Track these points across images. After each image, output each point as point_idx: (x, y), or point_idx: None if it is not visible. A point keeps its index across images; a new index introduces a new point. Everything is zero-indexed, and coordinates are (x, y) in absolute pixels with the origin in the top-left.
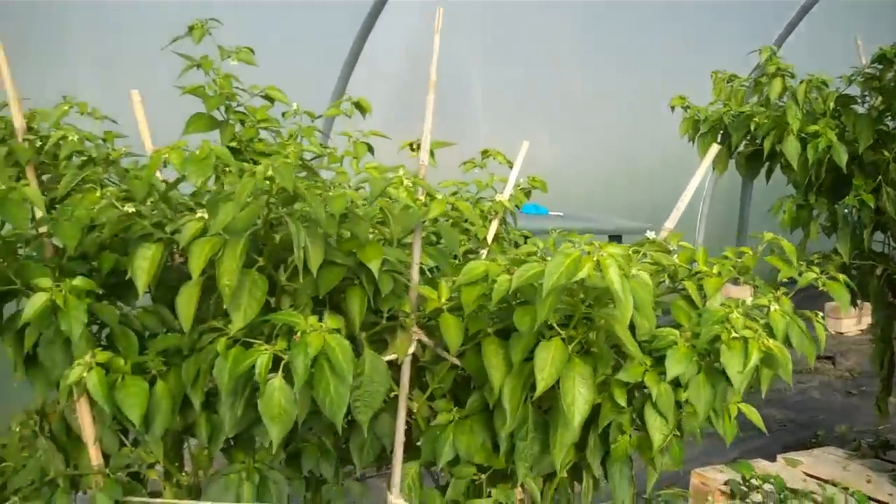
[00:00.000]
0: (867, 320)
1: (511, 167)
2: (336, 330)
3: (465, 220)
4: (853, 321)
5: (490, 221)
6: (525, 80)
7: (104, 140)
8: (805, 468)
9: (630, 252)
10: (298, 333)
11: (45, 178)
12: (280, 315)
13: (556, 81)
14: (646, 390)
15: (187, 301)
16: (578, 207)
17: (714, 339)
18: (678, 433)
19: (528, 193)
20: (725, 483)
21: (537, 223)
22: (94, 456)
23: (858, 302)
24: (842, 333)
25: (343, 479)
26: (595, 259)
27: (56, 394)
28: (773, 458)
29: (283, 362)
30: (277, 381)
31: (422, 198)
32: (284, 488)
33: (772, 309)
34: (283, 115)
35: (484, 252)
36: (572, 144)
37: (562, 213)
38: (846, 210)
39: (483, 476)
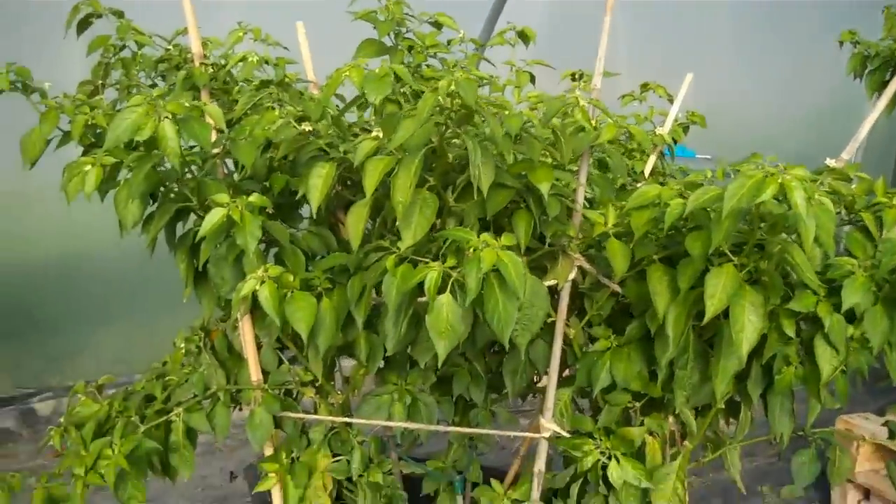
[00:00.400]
0: None
1: (672, 102)
2: (509, 247)
3: (624, 153)
4: None
5: (647, 156)
6: (670, 18)
7: (276, 65)
8: None
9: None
10: (471, 249)
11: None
12: (454, 231)
13: (703, 22)
14: (816, 322)
15: (357, 219)
16: (725, 152)
17: (895, 269)
18: (844, 369)
19: (686, 129)
20: (884, 423)
21: (685, 165)
22: (254, 372)
23: None
24: None
25: (491, 405)
26: (779, 181)
27: (219, 312)
28: None
29: (451, 280)
30: (445, 297)
31: (593, 122)
32: (434, 410)
33: None
34: (449, 42)
35: (641, 185)
36: (718, 88)
37: (709, 157)
38: None
39: (637, 404)
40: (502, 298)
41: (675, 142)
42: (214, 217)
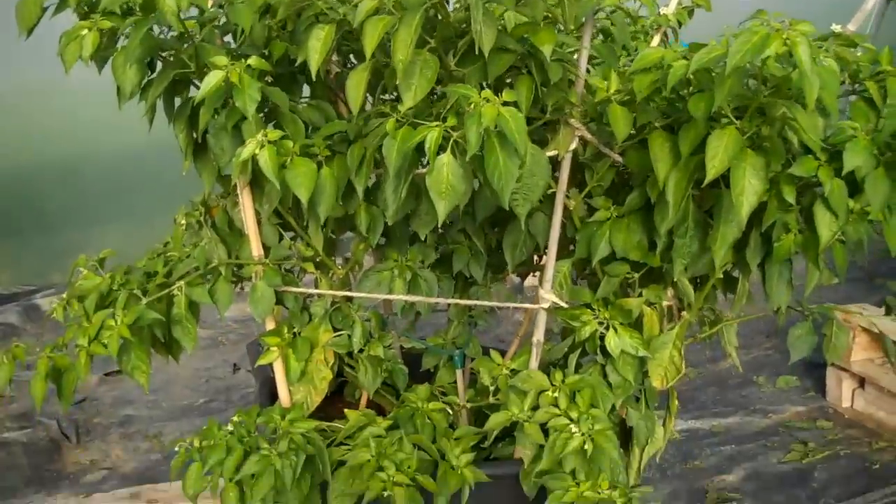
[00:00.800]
0: None
1: None
2: (510, 103)
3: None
4: None
5: (651, 37)
6: None
7: None
8: None
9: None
10: (472, 105)
11: None
12: (457, 87)
13: None
14: (817, 188)
15: (357, 84)
16: None
17: None
18: (842, 238)
19: (690, 13)
20: (883, 303)
21: None
22: (255, 247)
23: None
24: None
25: (491, 282)
26: (784, 37)
27: (219, 189)
28: None
29: (451, 140)
30: (446, 157)
31: None
32: (434, 286)
33: None
34: None
35: None
36: None
37: None
38: None
39: (635, 275)
40: (503, 156)
41: (680, 25)
42: (213, 80)
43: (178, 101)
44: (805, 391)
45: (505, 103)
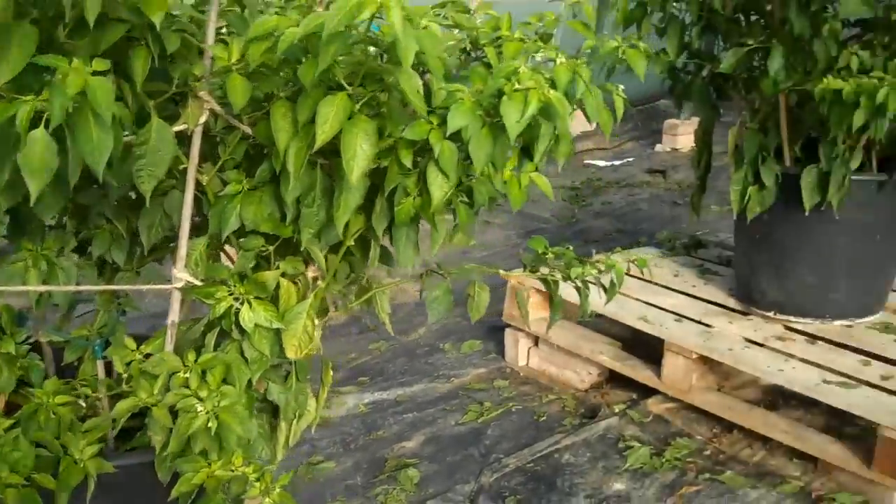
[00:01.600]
0: None
1: None
2: (102, 72)
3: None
4: (690, 138)
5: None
6: None
7: None
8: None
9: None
10: (60, 76)
11: None
12: (43, 58)
13: None
14: (430, 151)
15: None
16: None
17: (498, 93)
18: (468, 200)
19: None
20: (540, 277)
21: None
22: None
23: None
24: (677, 150)
25: (138, 266)
26: (379, 2)
27: None
28: None
29: (46, 114)
30: (39, 132)
31: None
32: (73, 275)
33: (557, 62)
34: None
35: None
36: None
37: None
38: (675, 7)
39: (270, 248)
40: (96, 130)
41: None
42: None
43: None
44: (487, 353)
45: (95, 73)
